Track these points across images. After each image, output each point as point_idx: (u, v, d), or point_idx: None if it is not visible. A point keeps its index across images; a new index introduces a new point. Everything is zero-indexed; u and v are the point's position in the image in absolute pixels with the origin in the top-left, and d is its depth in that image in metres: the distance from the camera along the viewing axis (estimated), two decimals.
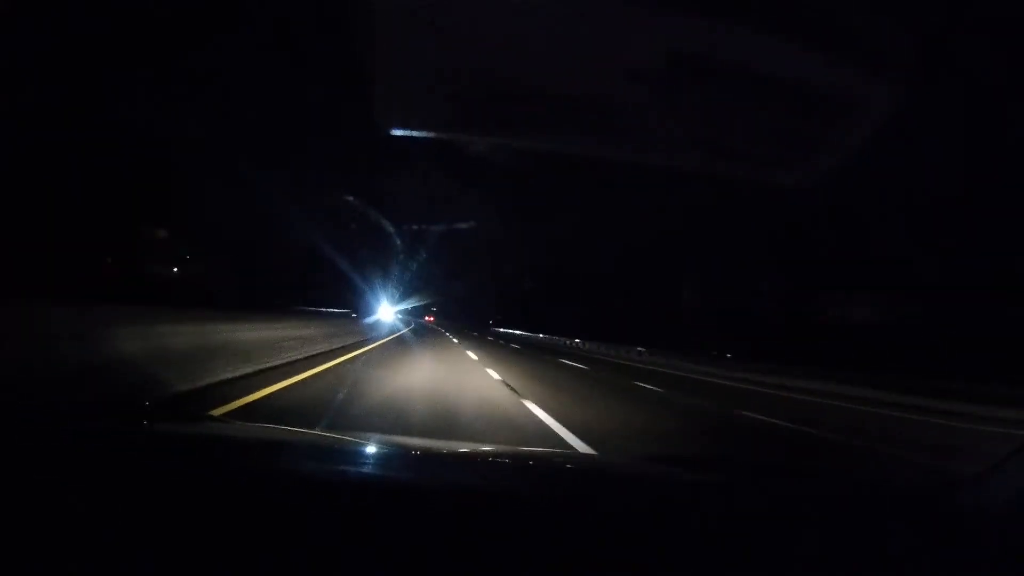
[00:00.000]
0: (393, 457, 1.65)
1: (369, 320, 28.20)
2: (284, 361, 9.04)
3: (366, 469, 1.46)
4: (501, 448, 3.12)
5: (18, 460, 1.09)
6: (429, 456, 1.75)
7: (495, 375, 10.93)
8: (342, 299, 32.25)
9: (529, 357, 20.31)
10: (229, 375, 6.72)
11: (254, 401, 5.73)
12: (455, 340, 27.97)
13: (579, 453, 4.26)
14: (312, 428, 2.97)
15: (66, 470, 1.05)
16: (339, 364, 10.47)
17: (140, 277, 22.26)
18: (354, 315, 28.16)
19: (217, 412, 4.75)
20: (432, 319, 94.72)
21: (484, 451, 2.16)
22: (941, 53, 3.41)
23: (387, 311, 33.30)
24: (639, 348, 27.50)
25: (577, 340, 36.85)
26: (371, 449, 1.70)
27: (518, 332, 56.46)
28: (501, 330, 65.38)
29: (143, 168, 20.63)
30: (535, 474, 1.63)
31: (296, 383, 7.33)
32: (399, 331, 32.73)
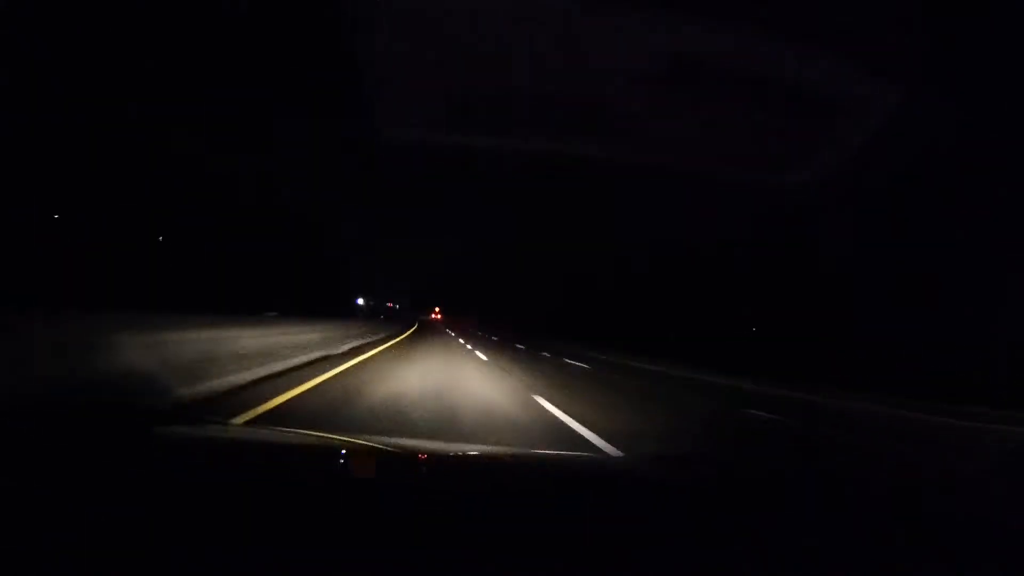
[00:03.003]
0: (403, 458, 1.66)
1: None
2: None
3: (375, 470, 1.47)
4: (510, 450, 3.12)
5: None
6: (439, 458, 1.76)
7: None
8: None
9: None
10: None
11: None
12: None
13: (598, 456, 4.15)
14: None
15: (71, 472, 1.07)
16: None
17: None
18: None
19: None
20: (439, 316, 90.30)
21: (492, 453, 2.17)
22: (941, 54, 3.41)
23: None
24: None
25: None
26: (380, 450, 1.71)
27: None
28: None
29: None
30: (546, 477, 1.64)
31: None
32: None
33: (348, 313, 38.99)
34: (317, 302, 31.00)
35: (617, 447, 4.36)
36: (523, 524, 1.11)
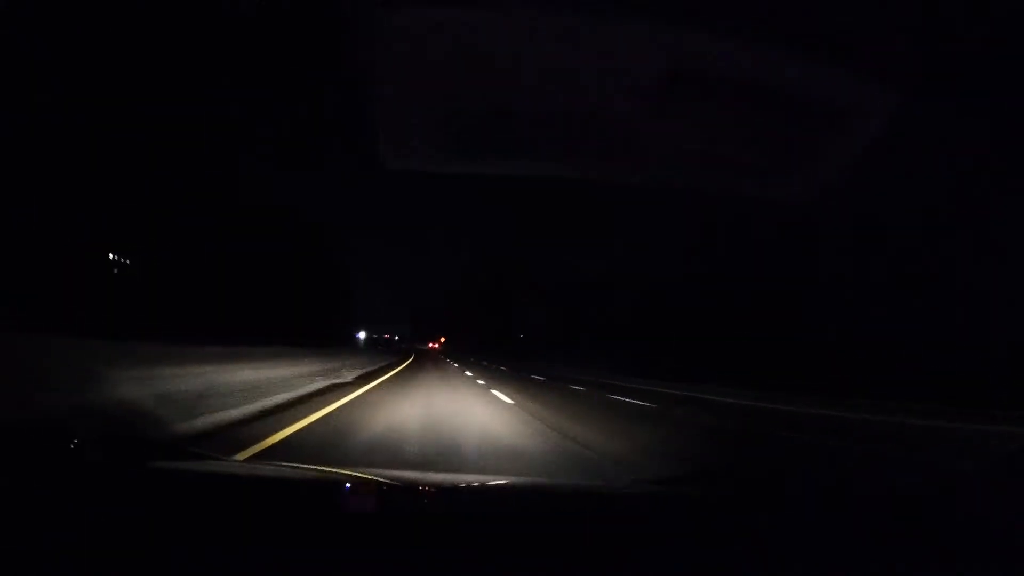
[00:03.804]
0: (400, 490, 1.64)
1: None
2: None
3: (380, 504, 1.44)
4: (506, 479, 3.07)
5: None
6: (436, 489, 1.74)
7: None
8: None
9: None
10: None
11: None
12: None
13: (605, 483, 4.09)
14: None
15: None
16: None
17: None
18: None
19: None
20: (438, 346, 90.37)
21: (490, 483, 2.14)
22: (940, 62, 3.44)
23: None
24: None
25: None
26: (375, 483, 1.69)
27: None
28: None
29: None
30: (550, 495, 1.63)
31: None
32: None
33: (349, 345, 39.51)
34: (318, 334, 31.03)
35: None
36: (526, 525, 1.12)
